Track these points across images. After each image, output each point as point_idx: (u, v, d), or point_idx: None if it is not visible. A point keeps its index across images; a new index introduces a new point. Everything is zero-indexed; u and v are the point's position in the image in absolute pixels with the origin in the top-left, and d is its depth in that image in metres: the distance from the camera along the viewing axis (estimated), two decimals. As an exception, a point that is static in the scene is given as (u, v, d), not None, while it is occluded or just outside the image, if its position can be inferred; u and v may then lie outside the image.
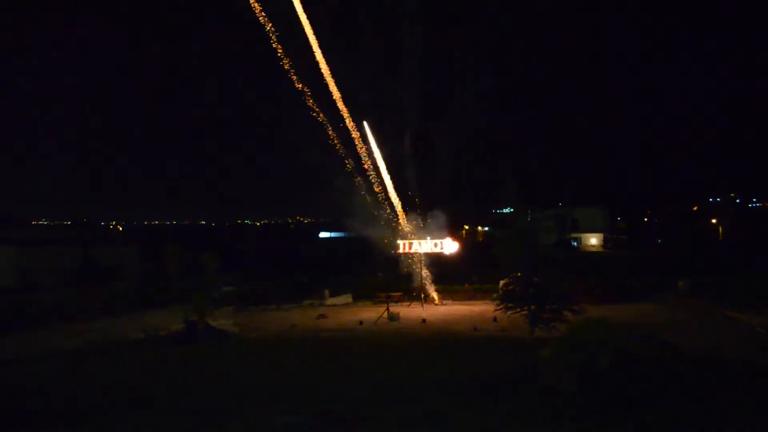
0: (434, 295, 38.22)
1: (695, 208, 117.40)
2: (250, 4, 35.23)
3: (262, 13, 35.46)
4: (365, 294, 38.90)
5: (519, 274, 24.94)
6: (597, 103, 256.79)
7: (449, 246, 39.16)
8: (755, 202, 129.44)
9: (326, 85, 37.07)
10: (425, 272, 38.74)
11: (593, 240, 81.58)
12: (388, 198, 40.05)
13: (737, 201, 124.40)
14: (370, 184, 39.52)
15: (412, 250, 39.00)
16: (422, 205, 41.66)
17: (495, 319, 28.15)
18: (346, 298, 39.36)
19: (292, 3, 35.91)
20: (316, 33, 36.57)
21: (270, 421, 14.84)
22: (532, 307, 23.55)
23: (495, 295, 30.73)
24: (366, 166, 39.07)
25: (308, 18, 36.32)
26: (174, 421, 15.43)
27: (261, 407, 16.02)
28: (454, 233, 42.77)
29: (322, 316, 32.94)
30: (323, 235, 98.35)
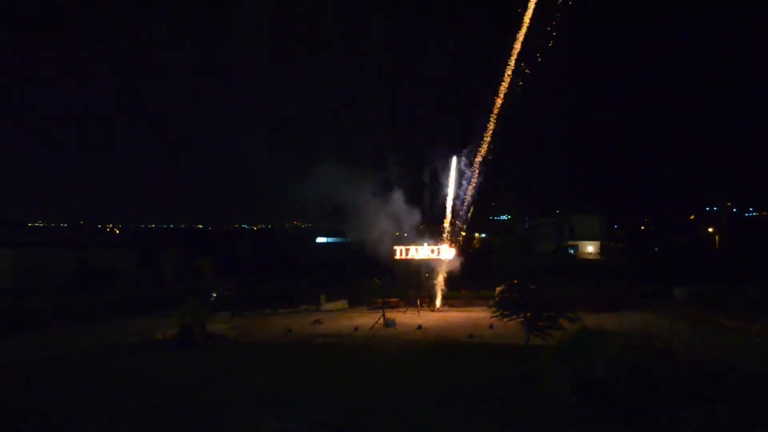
0: (431, 301, 38.20)
1: (692, 217, 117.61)
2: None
3: None
4: (361, 300, 38.83)
5: (516, 281, 24.92)
6: (595, 111, 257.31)
7: (446, 252, 39.17)
8: (752, 212, 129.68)
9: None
10: (422, 278, 38.75)
11: (590, 248, 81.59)
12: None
13: (734, 210, 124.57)
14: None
15: (409, 256, 38.98)
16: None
17: (491, 326, 28.11)
18: (343, 304, 39.29)
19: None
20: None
21: (264, 428, 14.82)
22: (528, 314, 23.49)
23: (491, 302, 30.72)
24: None
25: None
26: (167, 426, 15.40)
27: (254, 413, 16.00)
28: (452, 239, 42.71)
29: (318, 321, 32.88)
30: (320, 240, 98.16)
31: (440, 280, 39.11)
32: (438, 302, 38.23)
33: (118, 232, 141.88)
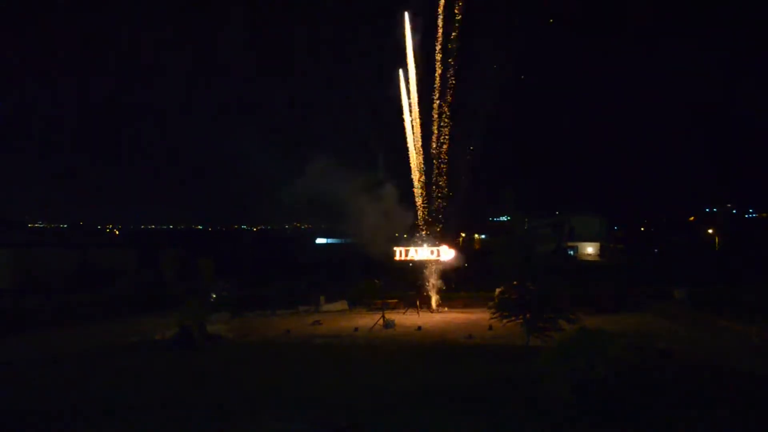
0: (430, 302, 38.16)
1: (692, 218, 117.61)
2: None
3: None
4: (361, 301, 38.81)
5: (515, 282, 24.93)
6: (595, 113, 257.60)
7: (446, 253, 39.14)
8: (751, 213, 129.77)
9: None
10: (421, 279, 38.76)
11: (590, 249, 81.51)
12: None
13: (733, 211, 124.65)
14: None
15: (409, 257, 38.96)
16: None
17: (490, 327, 28.12)
18: (342, 305, 39.27)
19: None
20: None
21: (264, 428, 14.83)
22: (528, 315, 23.51)
23: (491, 303, 30.74)
24: None
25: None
26: (167, 426, 15.41)
27: (255, 414, 16.01)
28: (451, 241, 42.69)
29: (317, 322, 32.86)
30: (320, 241, 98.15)
31: (440, 281, 39.09)
32: (437, 303, 38.20)
33: (117, 233, 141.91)
